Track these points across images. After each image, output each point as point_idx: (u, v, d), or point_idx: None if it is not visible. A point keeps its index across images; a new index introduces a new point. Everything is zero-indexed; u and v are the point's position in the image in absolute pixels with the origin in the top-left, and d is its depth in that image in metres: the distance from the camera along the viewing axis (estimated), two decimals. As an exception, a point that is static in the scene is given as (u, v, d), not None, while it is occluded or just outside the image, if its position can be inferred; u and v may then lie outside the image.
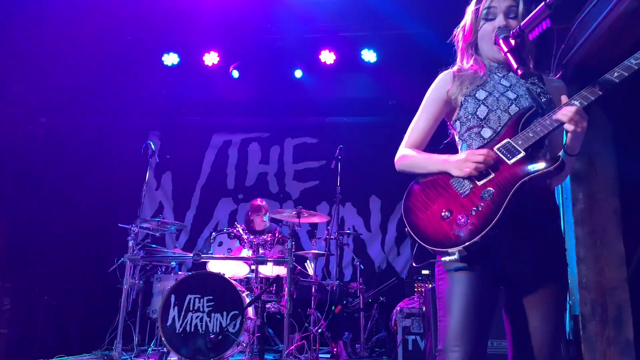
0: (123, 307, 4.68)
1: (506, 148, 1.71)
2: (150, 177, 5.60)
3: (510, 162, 1.68)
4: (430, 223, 1.73)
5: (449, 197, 1.74)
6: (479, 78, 1.90)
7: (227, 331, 4.23)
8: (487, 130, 1.83)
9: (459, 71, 1.97)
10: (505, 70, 1.92)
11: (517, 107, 1.81)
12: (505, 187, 1.64)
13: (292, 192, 7.49)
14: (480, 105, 1.85)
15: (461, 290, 1.68)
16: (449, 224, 1.68)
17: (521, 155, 1.67)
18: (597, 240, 3.88)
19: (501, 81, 1.90)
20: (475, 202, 1.67)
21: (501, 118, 1.81)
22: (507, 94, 1.85)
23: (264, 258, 4.83)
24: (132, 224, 5.03)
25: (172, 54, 6.53)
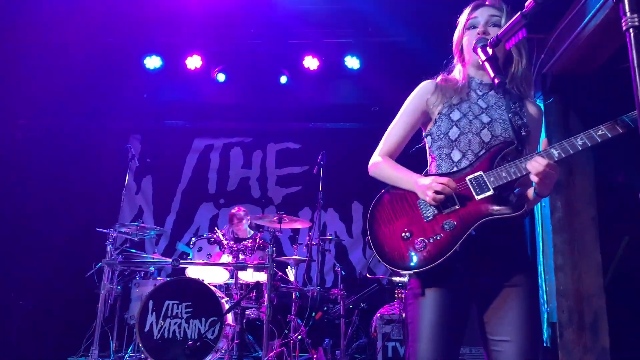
0: (100, 312, 4.61)
1: (477, 181, 1.73)
2: (130, 180, 5.55)
3: (478, 197, 1.70)
4: (390, 239, 1.77)
5: (413, 217, 1.77)
6: (458, 93, 1.92)
7: (205, 337, 4.19)
8: (456, 153, 1.85)
9: (442, 82, 1.99)
10: (487, 88, 1.93)
11: (489, 132, 1.82)
12: (466, 222, 1.67)
13: (275, 197, 7.46)
14: (453, 127, 1.87)
15: (430, 318, 1.70)
16: (407, 246, 1.72)
17: (489, 193, 1.69)
18: (574, 248, 3.93)
19: (478, 101, 1.91)
20: (436, 231, 1.70)
21: (471, 141, 1.83)
22: (481, 117, 1.86)
23: (244, 264, 4.79)
24: (111, 228, 4.96)
25: (154, 57, 6.48)
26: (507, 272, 1.74)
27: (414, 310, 1.75)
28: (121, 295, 5.23)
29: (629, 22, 0.88)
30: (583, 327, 3.79)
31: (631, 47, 0.87)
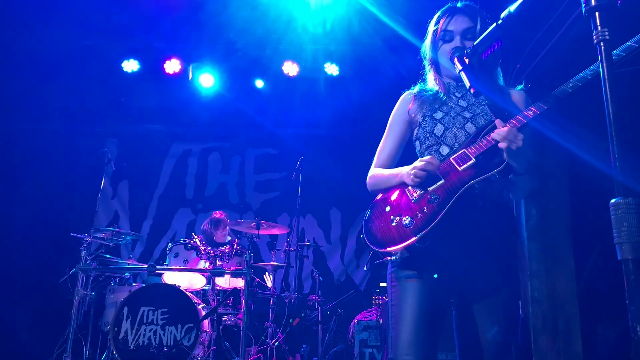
0: (74, 319, 4.51)
1: (460, 157, 1.78)
2: (106, 185, 5.47)
3: (460, 168, 1.75)
4: (381, 227, 1.81)
5: (400, 204, 1.82)
6: (438, 99, 1.98)
7: (181, 344, 4.14)
8: (444, 148, 1.90)
9: (420, 92, 2.05)
10: (464, 90, 1.98)
11: (473, 124, 1.88)
12: (451, 191, 1.71)
13: (253, 202, 7.43)
14: (437, 124, 1.93)
15: (413, 299, 1.74)
16: (396, 227, 1.75)
17: (471, 161, 1.74)
18: (549, 255, 4.00)
19: (459, 102, 1.97)
20: (422, 206, 1.74)
21: (457, 135, 1.88)
22: (463, 114, 1.92)
23: (222, 270, 4.75)
24: (86, 233, 4.88)
25: (132, 61, 6.41)
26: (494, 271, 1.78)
27: (397, 293, 1.80)
28: (95, 302, 5.14)
29: (599, 35, 0.90)
30: (556, 333, 3.85)
31: (602, 60, 0.89)
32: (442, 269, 1.76)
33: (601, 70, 0.87)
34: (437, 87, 2.01)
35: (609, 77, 0.86)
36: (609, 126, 0.84)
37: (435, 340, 1.75)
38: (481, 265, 1.78)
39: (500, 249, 1.81)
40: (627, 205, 0.83)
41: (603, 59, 0.88)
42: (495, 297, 1.76)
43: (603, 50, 0.89)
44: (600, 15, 0.91)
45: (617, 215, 0.84)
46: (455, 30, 1.94)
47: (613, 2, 0.89)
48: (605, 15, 0.90)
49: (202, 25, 5.91)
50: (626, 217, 0.83)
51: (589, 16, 0.92)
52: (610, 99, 0.85)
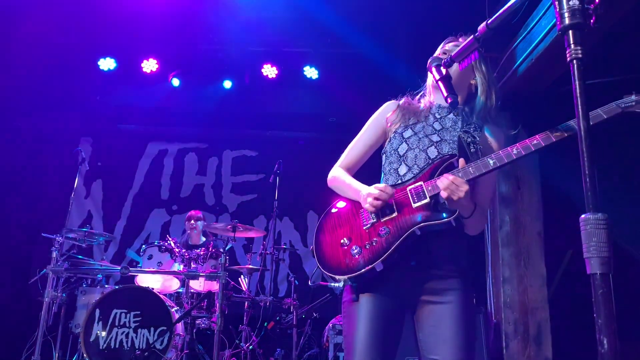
0: (43, 320, 4.42)
1: (417, 191, 1.77)
2: (79, 184, 5.38)
3: (414, 205, 1.74)
4: (330, 247, 1.83)
5: (353, 226, 1.83)
6: (416, 115, 1.97)
7: (154, 348, 4.09)
8: (403, 167, 1.89)
9: (405, 104, 2.04)
10: (445, 112, 1.97)
11: (437, 149, 1.87)
12: (401, 229, 1.72)
13: (229, 204, 7.38)
14: (403, 143, 1.93)
15: (364, 330, 1.71)
16: (344, 253, 1.77)
17: (426, 201, 1.73)
18: (521, 261, 4.07)
19: (434, 124, 1.95)
20: (372, 237, 1.75)
21: (417, 157, 1.87)
22: (432, 137, 1.90)
23: (196, 273, 4.71)
24: (57, 233, 4.79)
25: (108, 59, 6.32)
26: (442, 282, 1.76)
27: (348, 323, 1.79)
28: (66, 303, 5.04)
29: (572, 53, 0.92)
30: (528, 338, 3.92)
31: (574, 77, 0.91)
32: (395, 287, 1.77)
33: (573, 87, 0.90)
34: (424, 103, 2.02)
35: (580, 95, 0.88)
36: (580, 142, 0.86)
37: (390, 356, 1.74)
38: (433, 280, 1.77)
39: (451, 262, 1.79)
40: (597, 220, 0.85)
41: (575, 76, 0.91)
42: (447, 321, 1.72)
43: (576, 68, 0.91)
44: (573, 34, 0.93)
45: (586, 231, 0.86)
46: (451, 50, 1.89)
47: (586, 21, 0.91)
48: (578, 34, 0.93)
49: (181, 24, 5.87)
50: (595, 232, 0.85)
51: (562, 34, 0.95)
52: (582, 116, 0.87)
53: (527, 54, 3.46)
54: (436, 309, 1.74)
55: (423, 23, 5.33)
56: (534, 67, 3.51)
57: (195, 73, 6.52)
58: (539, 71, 3.59)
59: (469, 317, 1.76)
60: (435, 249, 1.77)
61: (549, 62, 3.41)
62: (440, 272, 1.76)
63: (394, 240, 1.70)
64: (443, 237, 1.76)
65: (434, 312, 1.74)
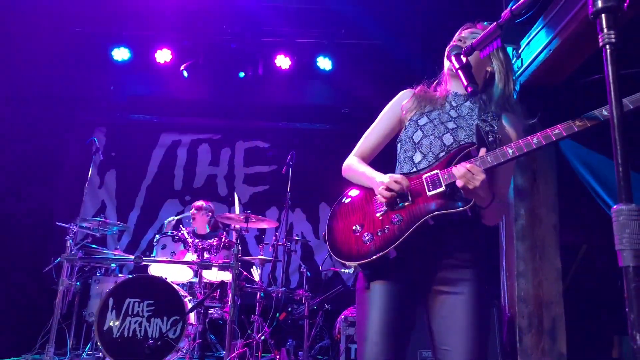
0: (57, 309, 4.47)
1: (433, 179, 1.73)
2: (93, 174, 5.40)
3: (429, 193, 1.72)
4: (342, 233, 1.83)
5: (366, 213, 1.83)
6: (432, 103, 1.94)
7: (166, 337, 4.11)
8: (418, 155, 1.86)
9: (421, 92, 2.01)
10: (462, 100, 1.93)
11: (452, 136, 1.83)
12: (414, 217, 1.69)
13: (242, 195, 7.38)
14: (417, 130, 1.90)
15: (376, 317, 1.71)
16: (356, 239, 1.77)
17: (441, 189, 1.70)
18: (536, 255, 4.01)
19: (450, 111, 1.91)
20: (385, 224, 1.74)
21: (433, 144, 1.84)
22: (448, 124, 1.87)
23: (209, 263, 4.72)
24: (72, 222, 4.82)
25: (122, 49, 6.34)
26: (455, 272, 1.73)
27: (361, 310, 1.78)
28: (80, 292, 5.09)
29: (605, 38, 0.89)
30: (542, 333, 3.87)
31: (607, 63, 0.88)
32: (410, 275, 1.75)
33: (606, 73, 0.86)
34: (440, 91, 1.99)
35: (613, 81, 0.85)
36: (613, 130, 0.83)
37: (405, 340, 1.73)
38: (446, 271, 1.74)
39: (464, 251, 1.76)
40: (630, 211, 0.82)
41: (608, 61, 0.87)
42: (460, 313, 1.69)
43: (609, 53, 0.87)
44: (606, 18, 0.89)
45: (619, 222, 0.83)
46: (467, 37, 1.91)
47: (620, 4, 0.87)
48: (612, 18, 0.89)
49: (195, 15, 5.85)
50: (629, 223, 0.82)
51: (595, 18, 0.91)
52: (615, 103, 0.84)
53: (546, 44, 3.40)
54: (448, 300, 1.71)
55: (438, 12, 5.27)
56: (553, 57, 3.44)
57: (208, 63, 6.51)
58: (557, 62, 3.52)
59: (482, 309, 1.72)
60: (449, 239, 1.74)
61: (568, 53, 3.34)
62: (453, 261, 1.73)
63: (407, 228, 1.67)
64: (458, 226, 1.73)
65: (446, 302, 1.71)
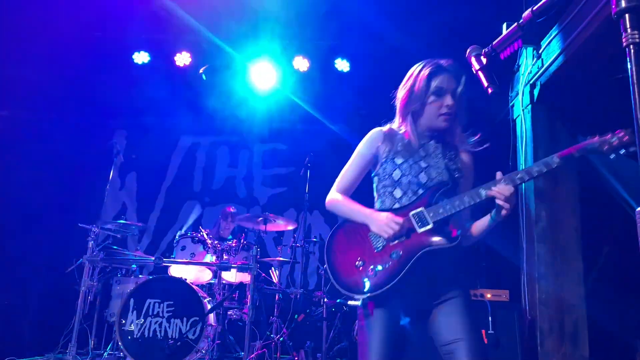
0: (79, 309, 4.54)
1: (419, 216, 2.00)
2: (114, 176, 5.49)
3: (419, 230, 1.97)
4: (345, 267, 2.05)
5: (365, 248, 2.04)
6: (404, 144, 2.19)
7: (186, 337, 4.15)
8: (398, 191, 2.14)
9: (390, 132, 2.25)
10: (426, 139, 2.20)
11: (426, 175, 2.12)
12: (411, 252, 1.94)
13: (260, 197, 7.42)
14: (396, 169, 2.16)
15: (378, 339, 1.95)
16: (360, 273, 1.99)
17: (429, 226, 1.96)
18: (557, 258, 3.96)
19: (419, 150, 2.18)
20: (385, 260, 1.97)
21: (411, 182, 2.12)
22: (420, 163, 2.15)
23: (228, 264, 4.76)
24: (93, 224, 4.89)
25: (142, 53, 6.42)
26: (446, 291, 2.00)
27: (364, 334, 2.00)
28: (101, 293, 5.16)
29: (629, 38, 0.88)
30: (563, 336, 3.82)
31: (631, 64, 0.87)
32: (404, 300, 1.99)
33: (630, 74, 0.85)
34: (408, 134, 2.19)
35: (637, 81, 0.84)
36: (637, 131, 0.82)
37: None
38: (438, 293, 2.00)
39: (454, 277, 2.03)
40: (656, 213, 0.81)
41: (632, 61, 0.86)
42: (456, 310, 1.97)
43: (632, 54, 0.86)
44: (630, 18, 0.88)
45: (644, 223, 0.82)
46: (447, 88, 2.11)
47: (644, 4, 0.86)
48: (636, 18, 0.87)
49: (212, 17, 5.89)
50: (653, 225, 0.81)
51: (618, 18, 0.90)
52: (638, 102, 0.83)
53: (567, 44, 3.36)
54: (444, 307, 1.98)
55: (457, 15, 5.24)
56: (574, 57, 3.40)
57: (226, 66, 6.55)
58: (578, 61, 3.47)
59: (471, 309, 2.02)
60: (440, 265, 2.00)
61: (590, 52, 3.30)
62: (445, 282, 2.01)
63: (405, 262, 1.92)
64: (445, 254, 1.98)
65: (443, 310, 1.98)
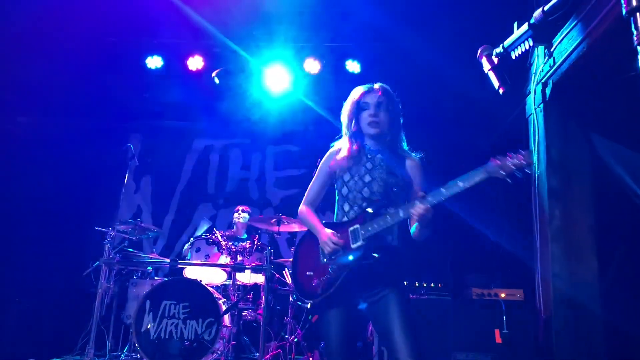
0: (97, 311, 4.60)
1: (354, 233, 2.36)
2: (129, 180, 5.54)
3: (353, 246, 2.33)
4: (300, 276, 2.50)
5: (315, 260, 2.45)
6: (350, 160, 2.53)
7: (202, 338, 4.19)
8: (346, 205, 2.52)
9: (338, 152, 2.60)
10: (374, 153, 2.53)
11: (368, 189, 2.46)
12: (344, 266, 2.33)
13: (273, 199, 7.46)
14: (344, 187, 2.54)
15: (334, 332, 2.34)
16: (308, 282, 2.43)
17: (360, 243, 2.31)
18: (572, 256, 3.93)
19: (366, 164, 2.52)
20: (326, 271, 2.38)
21: (356, 197, 2.48)
22: (364, 178, 2.49)
23: (242, 265, 4.79)
24: (109, 227, 4.95)
25: (155, 57, 6.48)
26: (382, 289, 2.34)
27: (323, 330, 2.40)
28: (118, 295, 5.22)
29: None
30: (579, 336, 3.80)
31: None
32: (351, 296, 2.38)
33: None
34: (348, 150, 2.54)
35: (648, 79, 0.84)
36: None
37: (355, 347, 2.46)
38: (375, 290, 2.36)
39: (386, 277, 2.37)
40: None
41: (643, 60, 0.87)
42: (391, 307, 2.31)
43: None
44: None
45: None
46: (370, 102, 2.55)
47: (654, 3, 0.86)
48: (646, 17, 0.88)
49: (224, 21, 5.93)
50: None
51: (629, 17, 0.90)
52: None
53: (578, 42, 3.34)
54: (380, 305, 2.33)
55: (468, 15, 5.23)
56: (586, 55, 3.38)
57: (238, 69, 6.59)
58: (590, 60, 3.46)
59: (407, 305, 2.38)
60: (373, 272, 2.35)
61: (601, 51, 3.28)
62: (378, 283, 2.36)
63: (340, 273, 2.32)
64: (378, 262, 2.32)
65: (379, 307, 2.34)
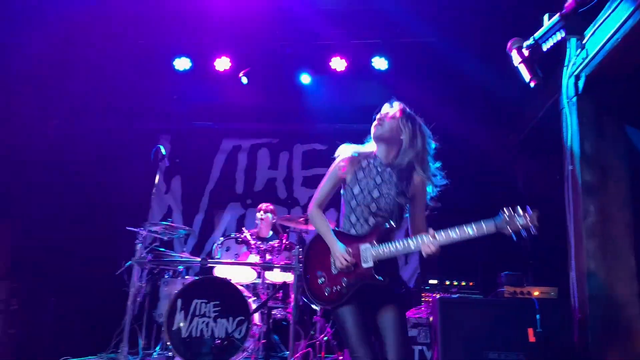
0: (129, 310, 4.67)
1: (365, 253, 2.51)
2: (159, 180, 5.60)
3: (364, 266, 2.50)
4: (312, 279, 2.64)
5: (328, 267, 2.59)
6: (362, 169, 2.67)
7: (232, 337, 4.22)
8: (353, 217, 2.65)
9: (353, 155, 2.73)
10: (384, 167, 2.65)
11: (376, 205, 2.59)
12: (354, 282, 2.51)
13: (301, 198, 7.47)
14: (353, 199, 2.64)
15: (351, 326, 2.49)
16: (320, 288, 2.59)
17: (370, 265, 2.49)
18: (608, 254, 3.83)
19: (375, 177, 2.64)
20: (337, 282, 2.55)
21: (364, 211, 2.61)
22: (373, 192, 2.61)
23: (271, 264, 4.81)
24: (141, 227, 5.03)
25: (183, 59, 6.56)
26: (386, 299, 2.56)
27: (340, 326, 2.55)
28: (150, 294, 5.29)
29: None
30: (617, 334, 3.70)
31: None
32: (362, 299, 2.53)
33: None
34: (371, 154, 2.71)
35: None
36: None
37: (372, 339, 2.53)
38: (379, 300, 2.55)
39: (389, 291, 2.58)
40: None
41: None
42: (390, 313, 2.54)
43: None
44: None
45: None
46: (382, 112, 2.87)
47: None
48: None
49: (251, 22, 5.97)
50: None
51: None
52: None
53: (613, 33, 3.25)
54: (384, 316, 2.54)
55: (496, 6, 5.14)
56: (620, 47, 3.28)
57: (265, 69, 6.62)
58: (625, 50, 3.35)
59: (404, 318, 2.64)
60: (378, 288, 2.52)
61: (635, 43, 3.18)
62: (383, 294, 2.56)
63: (350, 288, 2.51)
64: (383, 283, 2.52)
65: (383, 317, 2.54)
